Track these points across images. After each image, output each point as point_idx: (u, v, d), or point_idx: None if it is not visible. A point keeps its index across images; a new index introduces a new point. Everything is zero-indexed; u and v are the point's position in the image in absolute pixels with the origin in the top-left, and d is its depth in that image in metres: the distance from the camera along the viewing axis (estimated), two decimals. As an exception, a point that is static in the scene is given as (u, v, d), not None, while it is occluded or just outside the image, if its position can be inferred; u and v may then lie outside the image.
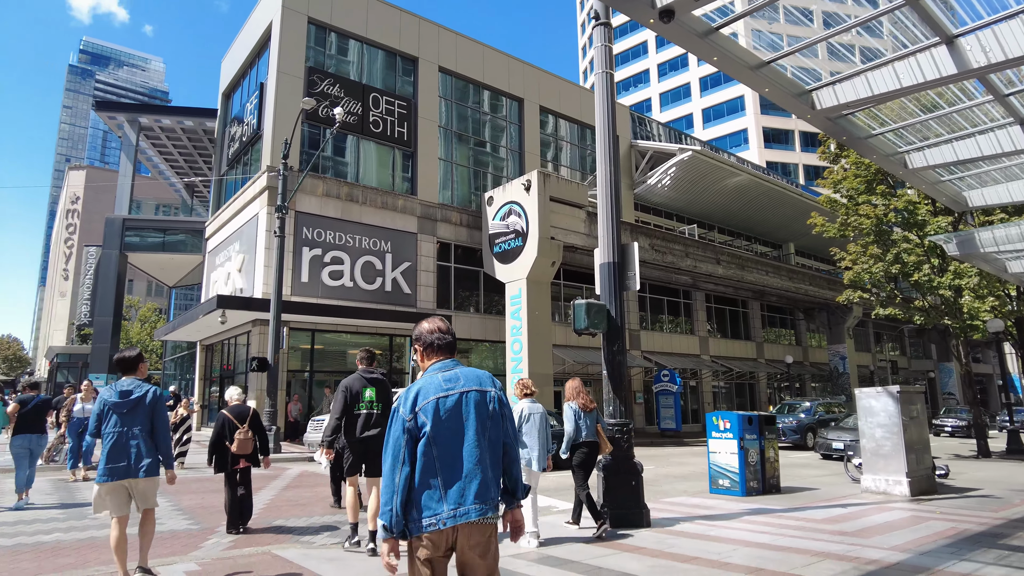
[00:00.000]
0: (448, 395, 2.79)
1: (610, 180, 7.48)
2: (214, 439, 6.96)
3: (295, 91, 20.52)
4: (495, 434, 2.83)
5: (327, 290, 20.10)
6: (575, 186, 22.87)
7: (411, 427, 2.76)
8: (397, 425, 2.81)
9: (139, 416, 4.91)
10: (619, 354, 7.12)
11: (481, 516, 2.65)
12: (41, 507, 8.67)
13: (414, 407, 2.79)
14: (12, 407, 9.14)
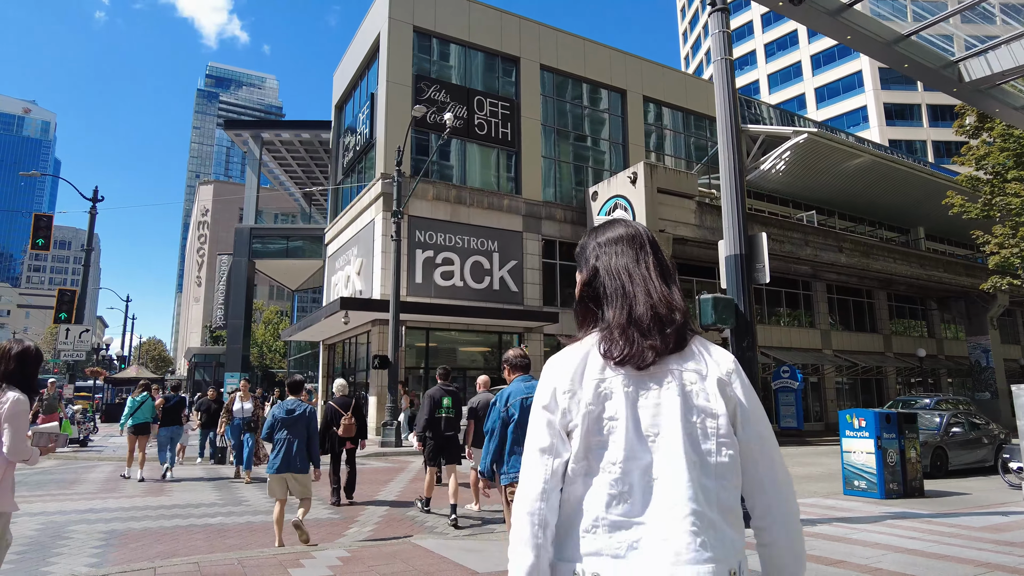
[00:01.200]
0: (528, 396, 4.07)
1: (734, 168, 7.24)
2: (323, 426, 8.29)
3: (404, 99, 21.30)
4: None
5: (439, 290, 20.76)
6: (683, 176, 22.29)
7: (504, 416, 4.44)
8: (494, 414, 4.52)
9: (299, 428, 6.30)
10: (749, 350, 6.89)
11: None
12: (198, 494, 9.56)
13: (507, 403, 4.48)
14: (159, 401, 11.71)
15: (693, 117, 29.33)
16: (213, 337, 54.89)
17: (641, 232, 1.54)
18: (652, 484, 1.28)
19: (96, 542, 6.39)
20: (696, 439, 1.31)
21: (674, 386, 1.35)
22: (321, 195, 37.57)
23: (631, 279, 1.45)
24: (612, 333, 1.39)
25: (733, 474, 1.33)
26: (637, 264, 1.48)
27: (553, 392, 1.39)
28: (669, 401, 1.33)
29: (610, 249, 1.52)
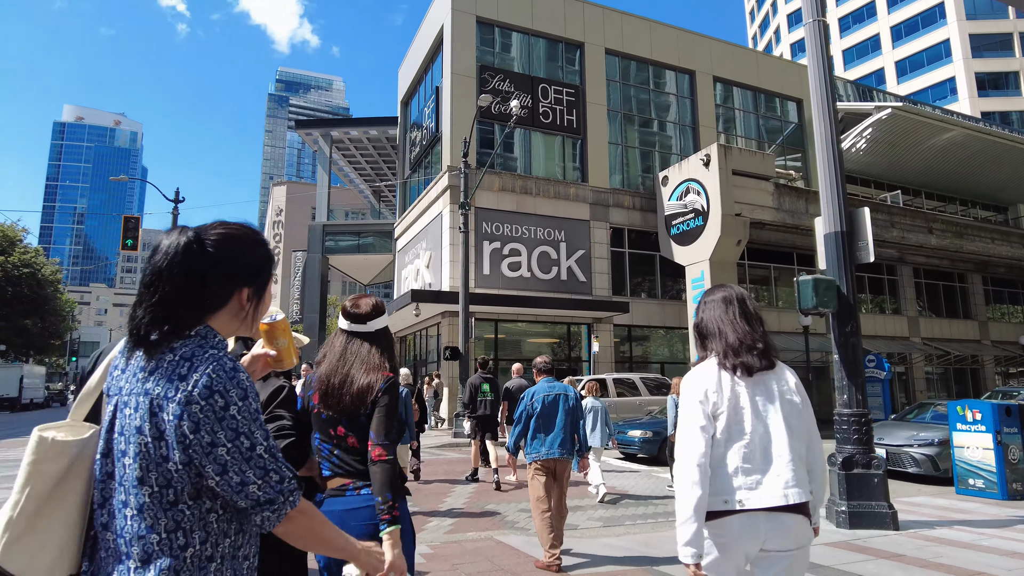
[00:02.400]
0: (549, 394, 5.50)
1: (831, 138, 6.65)
2: None
3: (468, 91, 21.19)
4: (572, 416, 5.51)
5: (507, 281, 20.59)
6: (760, 156, 21.29)
7: (529, 409, 5.45)
8: (521, 407, 5.51)
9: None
10: (853, 336, 6.33)
11: (561, 455, 5.34)
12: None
13: (532, 399, 5.50)
14: None
15: (765, 96, 28.04)
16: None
17: (732, 292, 2.41)
18: (768, 445, 2.18)
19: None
20: (788, 418, 2.21)
21: (774, 386, 2.25)
22: (389, 191, 38.09)
23: (722, 323, 2.34)
24: (721, 356, 2.28)
25: (806, 439, 2.24)
26: (725, 313, 2.35)
27: (705, 391, 2.23)
28: (772, 396, 2.23)
29: (709, 304, 2.43)
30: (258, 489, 1.29)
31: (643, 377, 17.18)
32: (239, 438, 1.27)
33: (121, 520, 1.27)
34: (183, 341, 1.32)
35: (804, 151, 28.21)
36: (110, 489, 1.31)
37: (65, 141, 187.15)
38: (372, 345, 2.49)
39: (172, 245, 1.34)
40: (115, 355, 1.45)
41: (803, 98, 28.64)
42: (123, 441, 1.30)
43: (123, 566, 1.26)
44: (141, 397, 1.29)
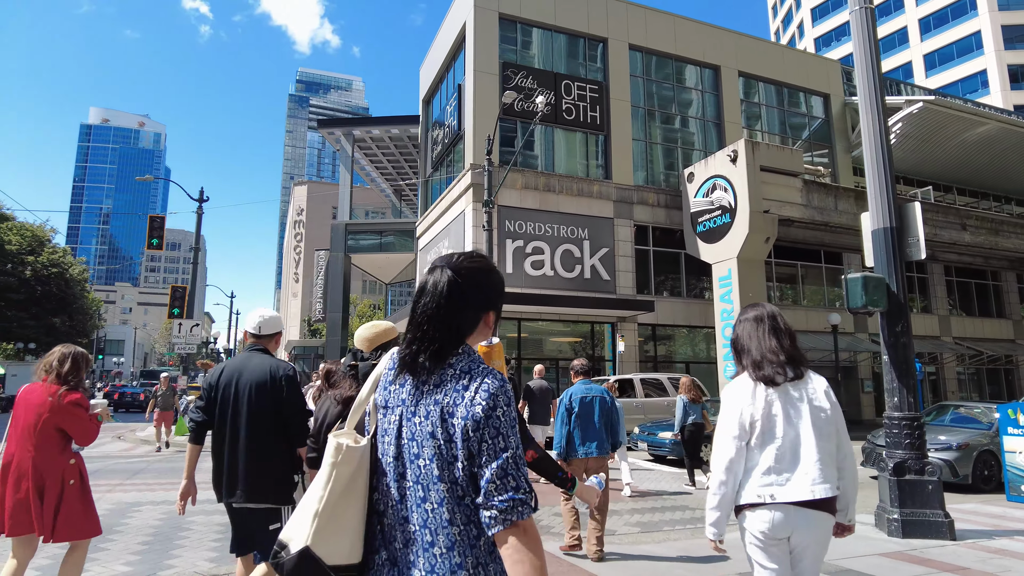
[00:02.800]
0: (586, 396, 5.73)
1: (878, 129, 6.38)
2: None
3: (491, 88, 21.03)
4: (608, 417, 5.75)
5: (530, 280, 20.42)
6: (788, 152, 20.86)
7: (568, 408, 5.71)
8: (561, 407, 5.79)
9: None
10: (903, 335, 6.06)
11: (599, 454, 5.61)
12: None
13: (570, 399, 5.75)
14: None
15: (790, 91, 27.56)
16: (312, 331, 57.08)
17: (763, 311, 2.75)
18: (797, 447, 2.47)
19: (214, 534, 6.41)
20: (817, 422, 2.49)
21: (803, 394, 2.53)
22: (411, 190, 38.10)
23: (750, 340, 2.67)
24: (750, 370, 2.61)
25: (835, 440, 2.51)
26: (755, 330, 2.67)
27: (740, 404, 2.55)
28: (802, 403, 2.52)
29: (743, 323, 2.73)
30: (495, 488, 1.42)
31: (671, 377, 16.92)
32: (497, 438, 1.45)
33: (423, 514, 1.48)
34: (457, 357, 1.55)
35: (831, 147, 27.68)
36: (404, 488, 1.52)
37: (91, 143, 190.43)
38: None
39: (440, 283, 1.58)
40: (381, 372, 1.69)
41: (830, 93, 28.12)
42: (415, 445, 1.51)
43: (428, 553, 1.46)
44: (432, 407, 1.50)
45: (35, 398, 3.66)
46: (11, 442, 3.65)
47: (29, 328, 40.72)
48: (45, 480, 3.56)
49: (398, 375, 1.60)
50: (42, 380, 3.74)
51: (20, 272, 38.95)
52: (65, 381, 3.71)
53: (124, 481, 9.83)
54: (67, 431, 3.67)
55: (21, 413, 3.67)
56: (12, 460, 3.58)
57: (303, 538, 1.49)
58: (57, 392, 3.64)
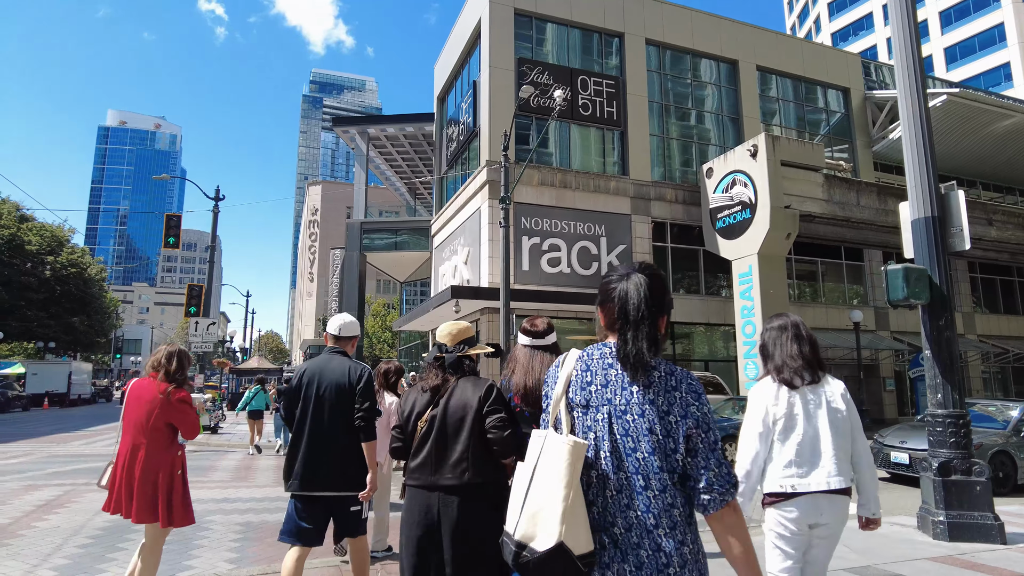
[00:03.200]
0: None
1: (919, 117, 6.12)
2: None
3: (507, 84, 20.86)
4: None
5: (546, 277, 20.23)
6: (809, 147, 20.51)
7: None
8: None
9: None
10: (947, 329, 5.80)
11: None
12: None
13: None
14: (272, 392, 13.89)
15: (810, 86, 27.14)
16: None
17: (787, 321, 3.01)
18: (816, 443, 2.76)
19: (234, 535, 6.29)
20: (835, 421, 2.78)
21: (822, 396, 2.83)
22: (425, 188, 38.01)
23: (774, 346, 2.98)
24: (773, 374, 2.92)
25: (850, 437, 2.81)
26: (779, 337, 2.97)
27: (765, 405, 2.85)
28: (820, 404, 2.81)
29: (769, 331, 3.03)
30: (714, 476, 1.65)
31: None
32: (708, 432, 1.67)
33: (645, 500, 1.64)
34: (656, 360, 1.74)
35: (851, 142, 27.23)
36: (621, 478, 1.68)
37: (109, 145, 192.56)
38: (551, 354, 3.12)
39: (643, 289, 1.78)
40: (570, 373, 1.82)
41: (849, 87, 27.67)
42: (630, 440, 1.68)
43: (654, 534, 1.63)
44: (647, 406, 1.67)
45: (146, 394, 3.91)
46: (126, 435, 3.92)
47: (48, 327, 41.14)
48: (158, 471, 3.84)
49: (597, 376, 1.77)
50: (151, 376, 4.00)
51: (40, 272, 39.34)
52: (173, 379, 3.97)
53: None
54: (175, 425, 3.95)
55: (133, 408, 3.92)
56: (128, 452, 3.85)
57: (553, 535, 1.60)
58: (166, 389, 3.90)
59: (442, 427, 2.91)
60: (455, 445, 2.86)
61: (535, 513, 1.65)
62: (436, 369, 3.08)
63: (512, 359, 3.15)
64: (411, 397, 3.13)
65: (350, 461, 3.85)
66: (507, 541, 1.70)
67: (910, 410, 24.82)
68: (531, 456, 1.75)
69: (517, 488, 1.76)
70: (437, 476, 2.85)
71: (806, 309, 23.54)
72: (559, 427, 1.79)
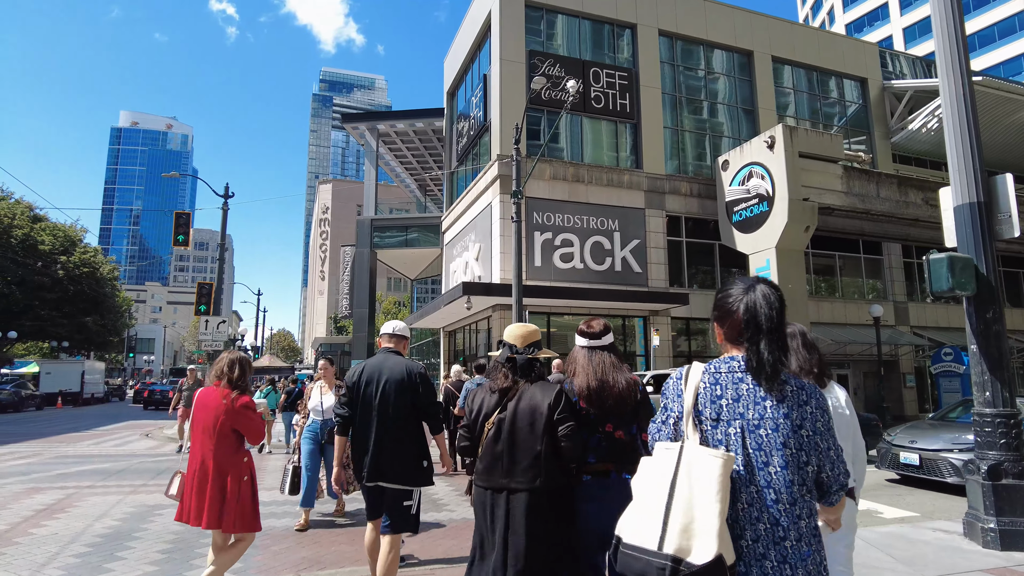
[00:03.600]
0: None
1: (962, 94, 5.73)
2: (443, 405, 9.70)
3: (518, 77, 20.52)
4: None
5: (559, 273, 19.89)
6: (827, 138, 20.01)
7: None
8: None
9: None
10: (995, 323, 5.42)
11: None
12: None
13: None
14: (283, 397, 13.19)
15: (826, 77, 26.62)
16: (338, 328, 57.21)
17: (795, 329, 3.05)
18: None
19: (240, 540, 6.01)
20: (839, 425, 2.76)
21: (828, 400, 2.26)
22: (435, 185, 37.76)
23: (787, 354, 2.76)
24: None
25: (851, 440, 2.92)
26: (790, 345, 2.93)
27: None
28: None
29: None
30: (835, 483, 1.76)
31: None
32: (832, 441, 1.76)
33: (775, 512, 1.66)
34: (785, 374, 1.77)
35: (869, 133, 26.67)
36: (751, 492, 1.70)
37: (121, 146, 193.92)
38: (610, 354, 3.10)
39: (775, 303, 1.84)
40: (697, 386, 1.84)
41: (867, 77, 27.10)
42: (763, 454, 1.71)
43: (780, 546, 1.64)
44: (781, 420, 1.71)
45: (211, 401, 4.00)
46: (195, 444, 4.03)
47: (62, 327, 41.29)
48: (227, 477, 3.91)
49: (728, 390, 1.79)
50: (215, 384, 4.09)
51: (53, 272, 39.46)
52: (236, 386, 4.07)
53: (148, 482, 9.53)
54: (240, 431, 4.02)
55: (200, 416, 4.01)
56: (198, 459, 3.95)
57: (712, 548, 1.59)
58: (230, 396, 3.99)
59: (511, 431, 2.95)
60: (526, 450, 2.90)
61: (686, 527, 1.64)
62: (506, 371, 3.08)
63: (571, 361, 3.17)
64: (478, 397, 3.15)
65: (409, 456, 4.04)
66: (648, 556, 1.66)
67: (931, 407, 24.28)
68: (664, 469, 1.73)
69: (649, 501, 1.73)
70: (508, 479, 2.89)
71: (823, 304, 23.07)
72: (682, 439, 1.81)
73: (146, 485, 9.18)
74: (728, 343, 1.89)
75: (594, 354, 3.09)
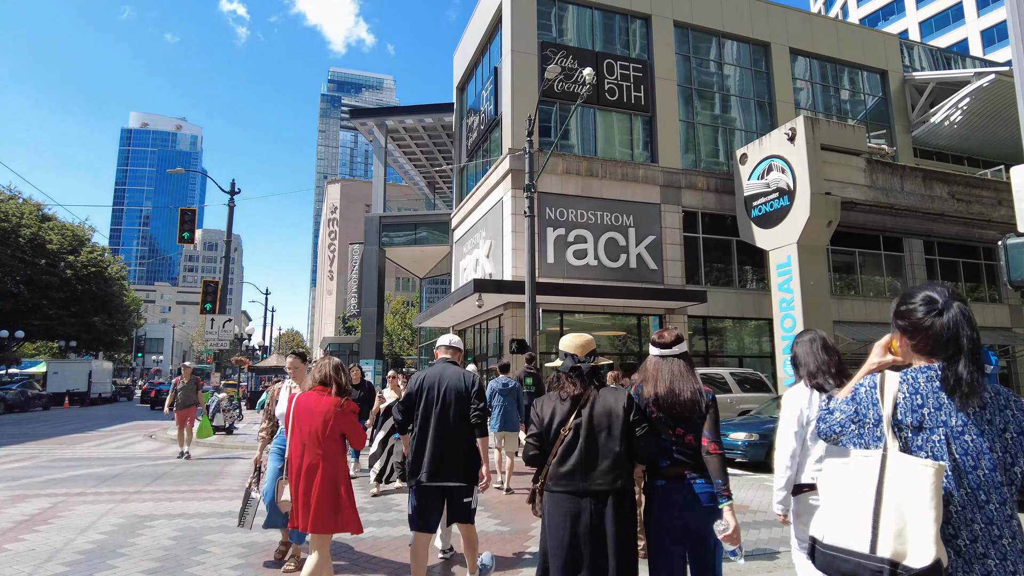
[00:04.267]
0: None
1: (1037, 66, 5.13)
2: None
3: (530, 69, 19.97)
4: None
5: (572, 270, 19.31)
6: (850, 129, 19.32)
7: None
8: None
9: (511, 397, 8.92)
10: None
11: None
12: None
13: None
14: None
15: (844, 69, 25.92)
16: (346, 328, 56.90)
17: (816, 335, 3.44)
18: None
19: (235, 559, 5.45)
20: None
21: None
22: (445, 182, 37.24)
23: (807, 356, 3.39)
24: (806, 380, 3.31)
25: None
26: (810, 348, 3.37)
27: (800, 407, 3.20)
28: None
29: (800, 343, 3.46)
30: None
31: (733, 372, 15.62)
32: None
33: (987, 513, 1.77)
34: (980, 380, 1.84)
35: (889, 127, 25.94)
36: (963, 495, 1.78)
37: (131, 147, 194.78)
38: (682, 362, 3.21)
39: (973, 319, 1.89)
40: (895, 393, 1.92)
41: (887, 69, 26.37)
42: (970, 459, 1.79)
43: (997, 544, 1.75)
44: (985, 426, 1.80)
45: (319, 406, 4.02)
46: (296, 448, 4.03)
47: (70, 326, 41.09)
48: (337, 480, 3.97)
49: (929, 398, 1.84)
50: (316, 390, 4.11)
51: (61, 271, 39.25)
52: (343, 391, 4.13)
53: (142, 488, 9.01)
54: (347, 435, 4.11)
55: (306, 420, 4.01)
56: (304, 463, 3.95)
57: (930, 552, 1.67)
58: (340, 402, 4.05)
59: (589, 435, 3.08)
60: (606, 453, 3.04)
61: (899, 532, 1.73)
62: (576, 379, 3.22)
63: (644, 369, 3.32)
64: (548, 406, 3.24)
65: (468, 456, 4.35)
66: (859, 558, 1.76)
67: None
68: (865, 475, 1.82)
69: (851, 505, 1.83)
70: (588, 482, 3.01)
71: (844, 302, 22.37)
72: (882, 447, 1.85)
73: (140, 492, 8.67)
74: (921, 355, 1.91)
75: (665, 362, 3.22)
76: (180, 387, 12.98)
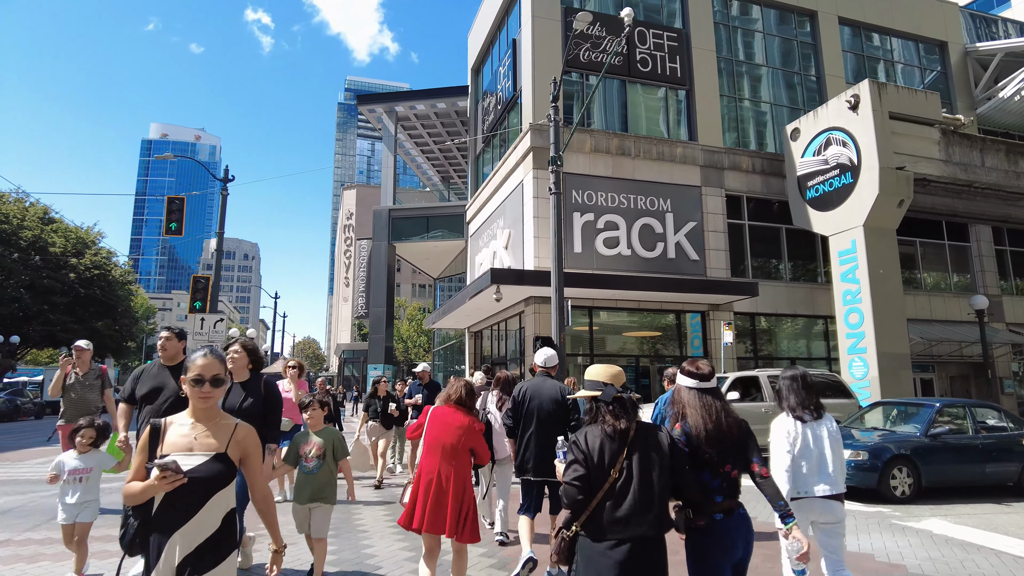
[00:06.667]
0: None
1: None
2: None
3: (553, 36, 17.88)
4: None
5: (602, 260, 17.05)
6: (922, 96, 16.89)
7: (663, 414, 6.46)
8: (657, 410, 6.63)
9: None
10: None
11: None
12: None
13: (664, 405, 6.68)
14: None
15: (899, 40, 23.48)
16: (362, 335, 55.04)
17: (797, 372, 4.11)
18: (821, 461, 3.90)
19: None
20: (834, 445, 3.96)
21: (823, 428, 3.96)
22: (459, 175, 35.20)
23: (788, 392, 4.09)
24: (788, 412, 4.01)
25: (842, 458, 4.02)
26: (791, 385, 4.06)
27: (788, 431, 3.90)
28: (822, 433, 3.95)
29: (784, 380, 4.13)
30: None
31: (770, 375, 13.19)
32: None
33: None
34: None
35: (949, 103, 23.36)
36: None
37: (152, 158, 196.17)
38: (716, 398, 3.13)
39: None
40: None
41: (947, 40, 23.86)
42: None
43: None
44: None
45: (453, 421, 4.40)
46: (431, 456, 4.29)
47: (73, 332, 39.47)
48: (464, 491, 4.24)
49: None
50: (448, 406, 4.47)
51: (63, 275, 37.79)
52: (473, 411, 4.56)
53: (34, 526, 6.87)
54: (475, 451, 4.43)
55: (440, 433, 4.34)
56: (438, 473, 4.23)
57: None
58: (472, 420, 4.44)
59: (643, 475, 2.76)
60: (654, 494, 2.76)
61: None
62: (620, 412, 2.89)
63: (678, 401, 3.14)
64: (595, 442, 2.83)
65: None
66: None
67: (1036, 415, 20.81)
68: None
69: None
70: (644, 527, 2.72)
71: (906, 297, 19.83)
72: None
73: (33, 534, 6.50)
74: None
75: (703, 396, 3.07)
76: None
